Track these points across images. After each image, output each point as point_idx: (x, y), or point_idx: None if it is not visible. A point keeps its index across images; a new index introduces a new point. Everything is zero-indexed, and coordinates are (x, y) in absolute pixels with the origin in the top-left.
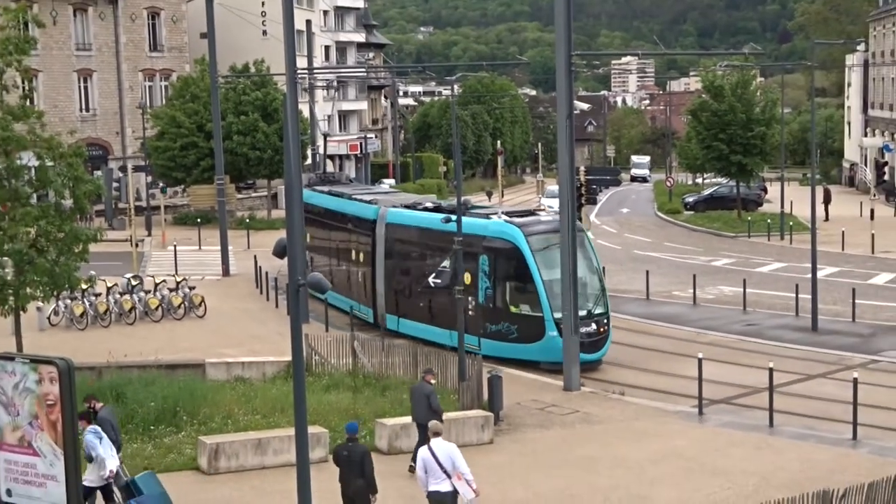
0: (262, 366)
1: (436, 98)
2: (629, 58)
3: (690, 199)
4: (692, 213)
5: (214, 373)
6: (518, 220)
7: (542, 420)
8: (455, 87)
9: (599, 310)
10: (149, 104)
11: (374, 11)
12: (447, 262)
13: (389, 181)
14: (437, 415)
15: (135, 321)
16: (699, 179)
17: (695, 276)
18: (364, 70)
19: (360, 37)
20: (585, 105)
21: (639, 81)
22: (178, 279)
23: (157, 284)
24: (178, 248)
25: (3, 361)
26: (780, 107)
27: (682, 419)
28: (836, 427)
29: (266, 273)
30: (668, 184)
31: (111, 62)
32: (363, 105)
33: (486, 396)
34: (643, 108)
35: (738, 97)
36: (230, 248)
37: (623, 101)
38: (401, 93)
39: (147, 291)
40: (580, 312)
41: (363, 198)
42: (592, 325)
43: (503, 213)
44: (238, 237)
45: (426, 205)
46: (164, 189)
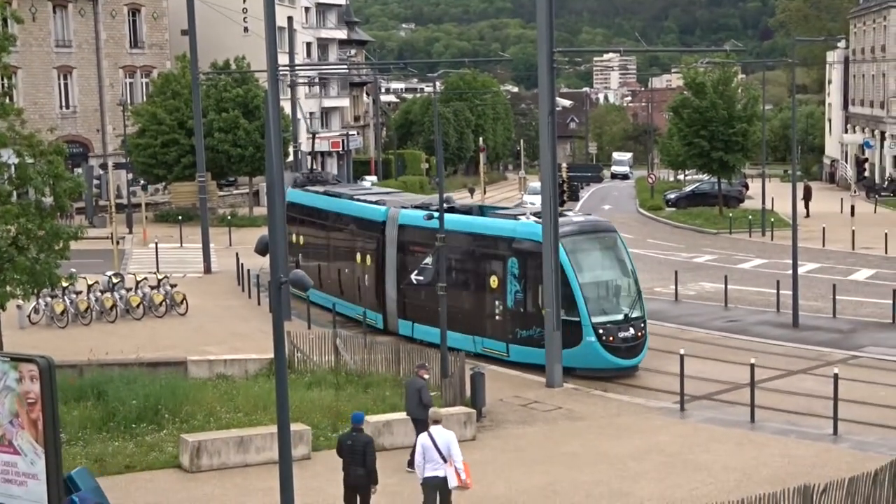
0: (245, 363)
1: (418, 95)
2: (611, 55)
3: (672, 196)
4: (674, 210)
5: (196, 371)
6: None
7: (525, 416)
8: (437, 84)
9: (636, 313)
10: (129, 101)
11: (356, 8)
12: (429, 259)
13: (372, 178)
14: (427, 409)
15: (116, 319)
16: (681, 176)
17: (676, 273)
18: (346, 67)
19: (342, 33)
20: (567, 102)
21: (621, 78)
22: (160, 277)
23: (139, 282)
24: (160, 246)
25: None
26: (762, 103)
27: (664, 415)
28: (817, 422)
29: (248, 270)
30: (650, 180)
31: (91, 59)
32: (345, 102)
33: (469, 393)
34: (625, 105)
35: (720, 94)
36: (212, 246)
37: (605, 98)
38: (383, 90)
39: (128, 289)
40: (616, 317)
41: (369, 198)
42: (630, 330)
43: (532, 214)
44: (220, 235)
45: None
46: (145, 186)
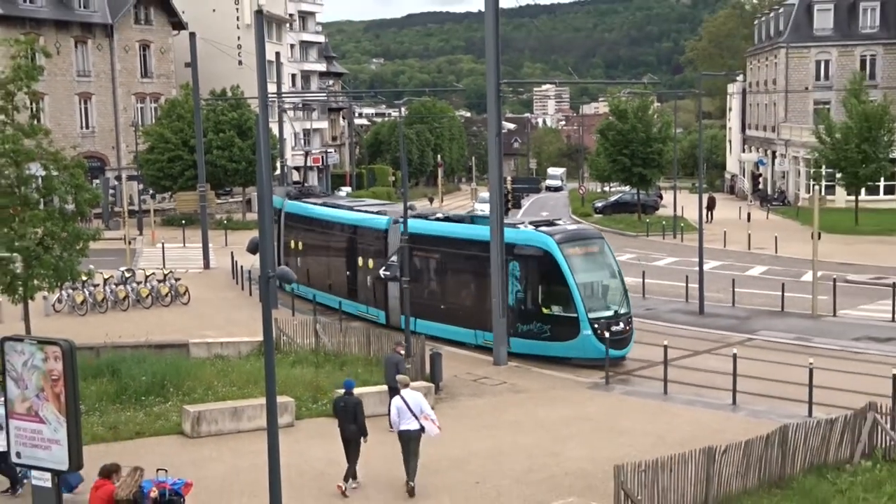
0: (238, 345)
1: (386, 119)
2: (548, 85)
3: (599, 205)
4: (601, 216)
5: (197, 351)
6: (548, 229)
7: (476, 390)
8: (402, 110)
9: (624, 310)
10: (140, 123)
11: (334, 45)
12: (395, 256)
13: (347, 189)
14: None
15: (128, 308)
16: (606, 188)
17: None
18: (325, 95)
19: (322, 66)
20: (512, 125)
21: (556, 105)
22: (166, 272)
23: (148, 276)
24: (166, 246)
25: (14, 342)
26: (674, 127)
27: (592, 389)
28: (719, 394)
29: (241, 266)
30: (581, 191)
31: (108, 87)
32: (324, 124)
33: (429, 370)
34: (560, 128)
35: (639, 119)
36: (210, 246)
37: (543, 122)
38: (356, 114)
39: (139, 282)
40: (608, 313)
41: (370, 210)
42: (620, 324)
43: (530, 224)
44: (217, 236)
45: (438, 215)
46: (154, 195)
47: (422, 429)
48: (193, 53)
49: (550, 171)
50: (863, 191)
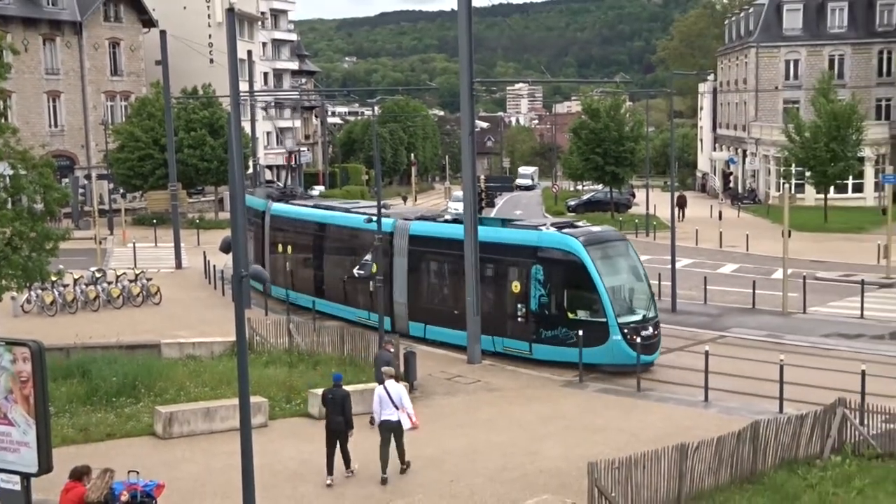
0: (211, 345)
1: (359, 117)
2: (521, 84)
3: (572, 203)
4: (574, 215)
5: (169, 352)
6: (573, 231)
7: (450, 388)
8: (375, 108)
9: (652, 314)
10: (110, 121)
11: (306, 43)
12: (369, 256)
13: (320, 188)
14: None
15: (99, 308)
16: (579, 186)
17: None
18: (298, 93)
19: (294, 65)
20: (485, 124)
21: (529, 104)
22: (137, 272)
23: (119, 276)
24: (137, 245)
25: None
26: (646, 126)
27: (566, 387)
28: (691, 391)
29: (214, 266)
30: (554, 190)
31: (77, 84)
32: (297, 123)
33: (403, 369)
34: (533, 127)
35: (612, 118)
36: (182, 245)
37: (516, 121)
38: (329, 113)
39: (109, 282)
40: (636, 317)
41: (370, 212)
42: (649, 329)
43: (552, 225)
44: (189, 235)
45: (446, 217)
46: (124, 194)
47: (401, 420)
48: (164, 51)
49: (521, 170)
50: (832, 189)
